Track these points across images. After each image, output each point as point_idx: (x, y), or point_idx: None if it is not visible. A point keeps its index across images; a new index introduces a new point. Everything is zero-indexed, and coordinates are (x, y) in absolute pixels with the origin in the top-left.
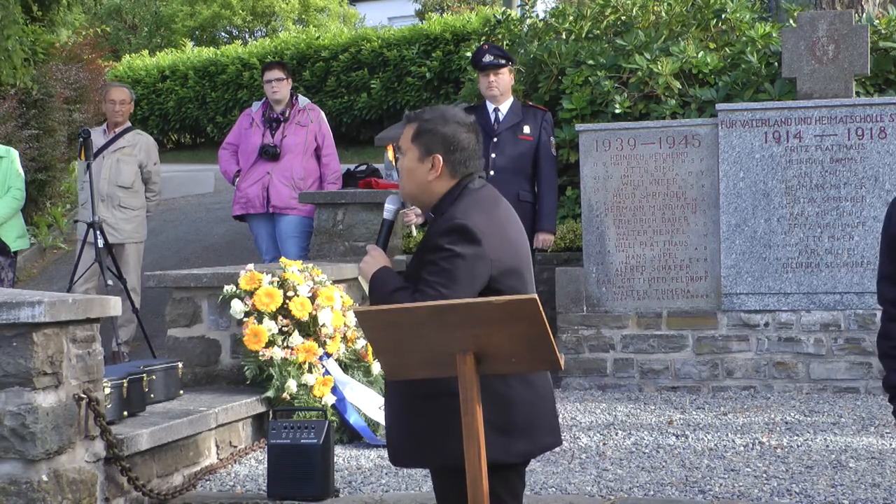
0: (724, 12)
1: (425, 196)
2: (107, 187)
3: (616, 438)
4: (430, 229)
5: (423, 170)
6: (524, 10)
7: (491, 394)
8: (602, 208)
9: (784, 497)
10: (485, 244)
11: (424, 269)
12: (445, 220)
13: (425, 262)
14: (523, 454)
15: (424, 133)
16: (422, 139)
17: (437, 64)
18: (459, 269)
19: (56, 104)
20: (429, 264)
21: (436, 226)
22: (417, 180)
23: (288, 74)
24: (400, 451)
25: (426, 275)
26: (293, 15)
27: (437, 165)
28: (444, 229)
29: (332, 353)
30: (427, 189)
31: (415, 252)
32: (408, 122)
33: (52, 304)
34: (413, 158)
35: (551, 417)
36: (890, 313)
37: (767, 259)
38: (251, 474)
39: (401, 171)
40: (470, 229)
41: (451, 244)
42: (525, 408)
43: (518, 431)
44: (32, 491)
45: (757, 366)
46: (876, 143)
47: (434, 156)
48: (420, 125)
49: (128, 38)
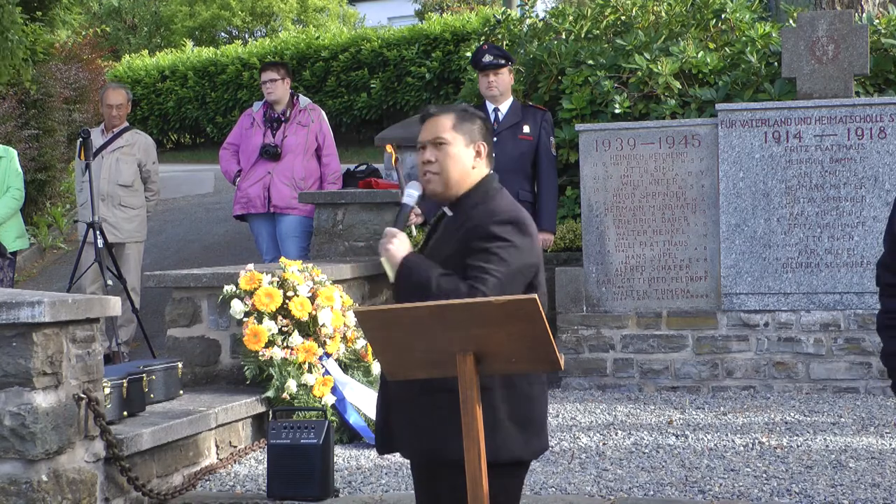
0: (724, 12)
1: (463, 184)
2: (107, 187)
3: (616, 438)
4: (469, 219)
5: (469, 156)
6: (524, 10)
7: (517, 390)
8: (602, 208)
9: (784, 497)
10: (535, 240)
11: (475, 257)
12: (495, 211)
13: (476, 250)
14: (541, 450)
15: (466, 121)
16: (464, 127)
17: (436, 64)
18: (516, 260)
19: (56, 104)
20: (482, 252)
21: (480, 215)
22: (463, 166)
23: (285, 75)
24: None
25: (481, 262)
26: (292, 15)
27: (482, 153)
28: (501, 220)
29: (332, 353)
30: (468, 176)
31: (438, 242)
32: (438, 114)
33: (52, 304)
34: (460, 145)
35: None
36: (887, 291)
37: (767, 259)
38: (251, 474)
39: (442, 160)
40: (526, 223)
41: (509, 235)
42: (541, 406)
43: (537, 428)
44: (32, 491)
45: (757, 366)
46: (876, 143)
47: (478, 143)
48: (458, 115)
49: (127, 38)
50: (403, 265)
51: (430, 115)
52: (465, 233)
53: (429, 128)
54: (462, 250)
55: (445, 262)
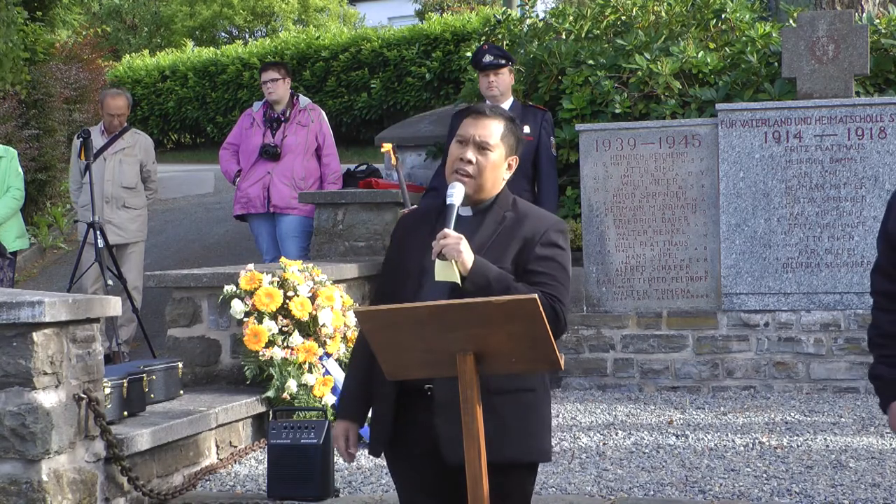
0: (724, 12)
1: (491, 192)
2: (112, 189)
3: (616, 438)
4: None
5: (504, 168)
6: (524, 10)
7: (547, 391)
8: (602, 208)
9: (784, 497)
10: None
11: (542, 264)
12: (544, 218)
13: (540, 258)
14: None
15: (512, 133)
16: (509, 139)
17: (437, 64)
18: (569, 267)
19: (56, 104)
20: (548, 260)
21: (532, 223)
22: (496, 176)
23: (285, 75)
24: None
25: (552, 271)
26: (293, 15)
27: (513, 167)
28: (558, 228)
29: (332, 353)
30: (497, 186)
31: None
32: (491, 116)
33: (52, 304)
34: (502, 155)
35: None
36: (879, 303)
37: (767, 259)
38: (251, 474)
39: (482, 164)
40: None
41: (563, 243)
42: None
43: (550, 428)
44: (32, 491)
45: (757, 366)
46: (876, 143)
47: (514, 157)
48: (508, 124)
49: (128, 38)
50: (477, 268)
51: (482, 114)
52: (521, 241)
53: (478, 126)
54: (516, 257)
55: (521, 263)
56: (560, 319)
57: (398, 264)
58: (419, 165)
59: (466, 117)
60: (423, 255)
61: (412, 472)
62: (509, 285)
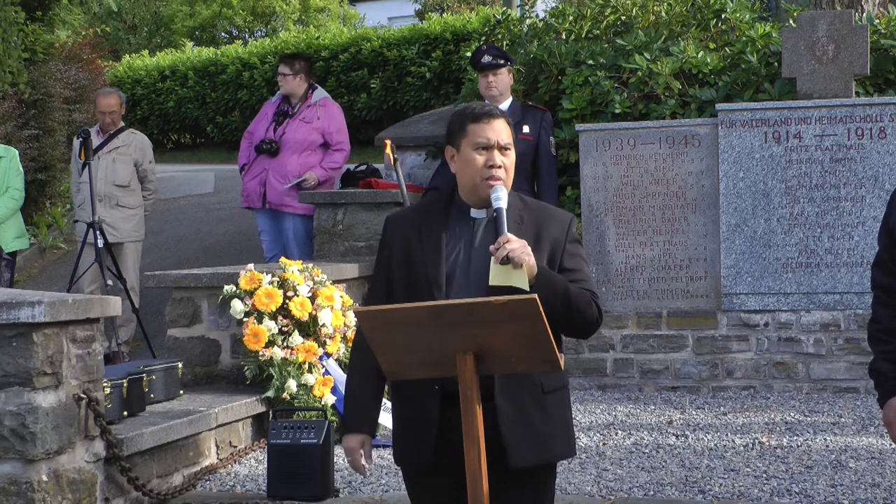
0: (724, 12)
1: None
2: (104, 187)
3: (616, 438)
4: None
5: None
6: (524, 10)
7: (569, 390)
8: (602, 208)
9: (784, 497)
10: None
11: (574, 262)
12: (559, 213)
13: (572, 255)
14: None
15: (511, 130)
16: (512, 136)
17: (437, 64)
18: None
19: (56, 104)
20: (576, 257)
21: (555, 221)
22: (512, 173)
23: (299, 70)
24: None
25: (582, 267)
26: (294, 15)
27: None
28: (574, 223)
29: (332, 353)
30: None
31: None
32: (502, 117)
33: (52, 304)
34: (514, 151)
35: None
36: (879, 298)
37: (767, 259)
38: (251, 474)
39: (508, 166)
40: None
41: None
42: None
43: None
44: (32, 491)
45: (757, 366)
46: (876, 143)
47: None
48: (508, 122)
49: (127, 39)
50: (544, 274)
51: (497, 115)
52: (550, 241)
53: (497, 129)
54: (550, 257)
55: (558, 262)
56: (600, 314)
57: (407, 270)
58: (419, 165)
59: (474, 122)
60: (439, 259)
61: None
62: (568, 288)
